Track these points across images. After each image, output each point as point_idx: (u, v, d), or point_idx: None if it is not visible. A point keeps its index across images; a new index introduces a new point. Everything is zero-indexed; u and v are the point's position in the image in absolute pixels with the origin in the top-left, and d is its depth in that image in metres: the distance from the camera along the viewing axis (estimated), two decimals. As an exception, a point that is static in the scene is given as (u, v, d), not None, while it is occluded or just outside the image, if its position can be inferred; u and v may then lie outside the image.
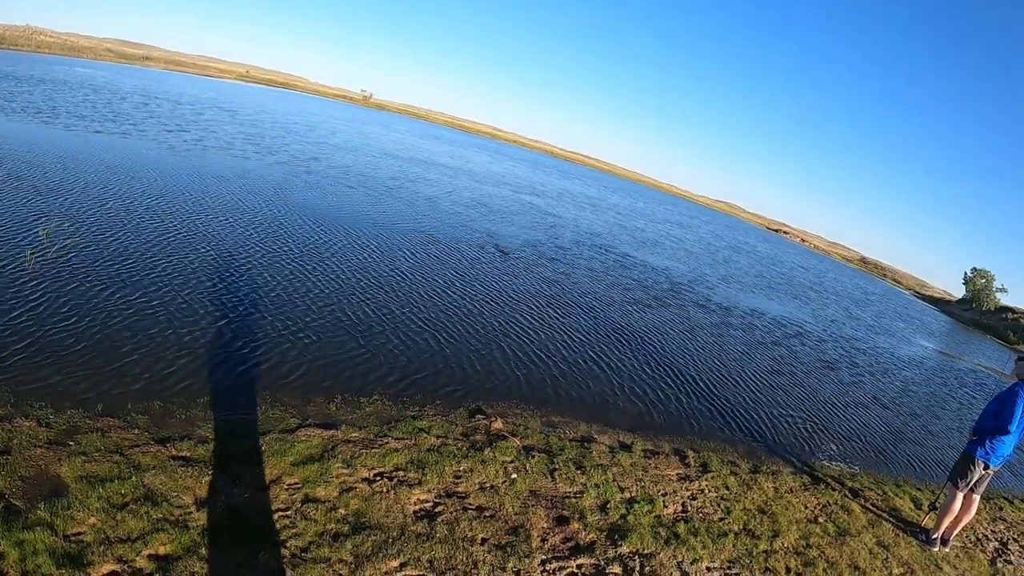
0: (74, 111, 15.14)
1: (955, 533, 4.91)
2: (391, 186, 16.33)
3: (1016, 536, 5.69)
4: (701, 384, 7.45)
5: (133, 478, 3.13)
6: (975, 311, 37.59)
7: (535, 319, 7.97)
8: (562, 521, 3.84)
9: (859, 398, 9.26)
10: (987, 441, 4.58)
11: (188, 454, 3.48)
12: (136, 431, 3.61)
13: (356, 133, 31.73)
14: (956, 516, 4.79)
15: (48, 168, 9.16)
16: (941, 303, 44.17)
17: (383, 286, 7.62)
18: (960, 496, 4.72)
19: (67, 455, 3.19)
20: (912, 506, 5.60)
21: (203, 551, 2.77)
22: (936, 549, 4.81)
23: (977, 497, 4.79)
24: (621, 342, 8.16)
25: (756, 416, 6.94)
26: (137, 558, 2.65)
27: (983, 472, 4.66)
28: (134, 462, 3.28)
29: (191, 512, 3.00)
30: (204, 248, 7.19)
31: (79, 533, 2.71)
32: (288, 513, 3.20)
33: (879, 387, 10.48)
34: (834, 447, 6.75)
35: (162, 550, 2.73)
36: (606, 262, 14.27)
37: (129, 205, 8.20)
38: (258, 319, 5.65)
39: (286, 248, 8.06)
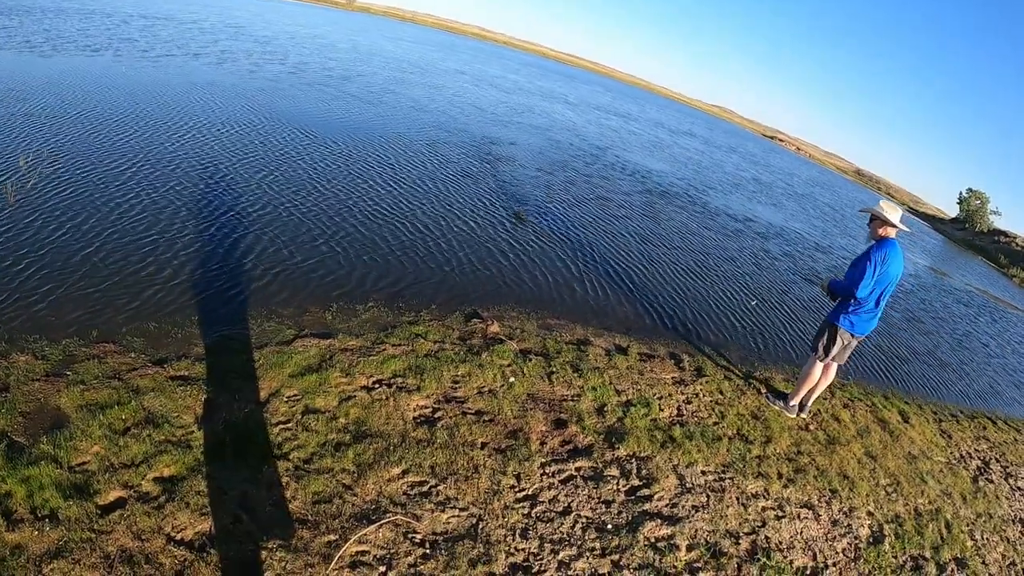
0: (80, 40, 13.64)
1: (812, 400, 4.93)
2: (418, 98, 15.82)
3: (997, 456, 5.80)
4: (699, 290, 7.44)
5: (133, 402, 3.14)
6: (968, 231, 36.89)
7: (532, 223, 7.82)
8: (560, 424, 3.93)
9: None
10: (849, 309, 4.37)
11: (186, 373, 3.49)
12: (133, 354, 3.59)
13: (366, 44, 29.81)
14: (815, 383, 4.79)
15: (88, 103, 8.53)
16: (935, 220, 43.26)
17: (380, 193, 7.43)
18: (820, 365, 4.66)
19: (65, 385, 3.17)
20: (899, 419, 5.65)
21: (207, 469, 2.82)
22: (795, 416, 4.85)
23: (836, 365, 4.72)
24: (620, 246, 8.08)
25: (753, 323, 6.98)
26: (143, 482, 2.70)
27: (848, 341, 4.51)
28: (133, 386, 3.28)
29: (193, 431, 3.04)
30: (201, 166, 6.84)
31: (84, 463, 2.73)
32: (289, 425, 3.26)
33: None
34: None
35: (167, 472, 2.78)
36: (619, 170, 13.91)
37: (144, 131, 7.72)
38: (250, 231, 5.52)
39: (288, 161, 7.71)
